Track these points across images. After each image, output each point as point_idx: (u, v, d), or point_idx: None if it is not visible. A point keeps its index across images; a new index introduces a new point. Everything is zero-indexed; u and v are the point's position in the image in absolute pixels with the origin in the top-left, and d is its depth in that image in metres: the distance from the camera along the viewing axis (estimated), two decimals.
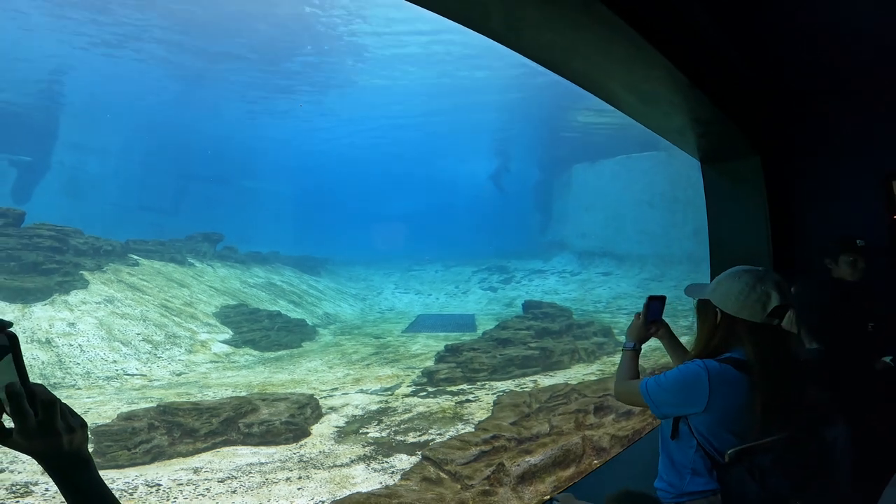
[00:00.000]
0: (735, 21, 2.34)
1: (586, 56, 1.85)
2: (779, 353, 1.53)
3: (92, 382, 8.24)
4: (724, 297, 1.61)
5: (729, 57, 2.60)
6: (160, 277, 13.68)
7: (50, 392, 0.77)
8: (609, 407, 5.61)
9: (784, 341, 1.55)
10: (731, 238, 3.27)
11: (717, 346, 1.62)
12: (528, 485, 4.22)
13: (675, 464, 1.64)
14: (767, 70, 2.81)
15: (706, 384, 1.52)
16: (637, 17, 1.53)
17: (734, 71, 2.72)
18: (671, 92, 2.17)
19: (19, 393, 0.73)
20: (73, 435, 0.78)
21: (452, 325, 14.30)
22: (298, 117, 26.77)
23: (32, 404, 0.74)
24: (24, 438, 0.74)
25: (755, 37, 2.50)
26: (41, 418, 0.75)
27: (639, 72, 1.97)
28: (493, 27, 1.65)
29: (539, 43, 1.76)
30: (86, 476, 0.80)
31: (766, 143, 2.99)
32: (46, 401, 0.76)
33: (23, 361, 0.74)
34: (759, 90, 2.95)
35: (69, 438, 0.77)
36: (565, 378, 7.90)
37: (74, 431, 0.79)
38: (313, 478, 4.84)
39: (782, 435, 1.51)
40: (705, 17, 2.23)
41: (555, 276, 22.07)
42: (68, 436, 0.77)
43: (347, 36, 18.78)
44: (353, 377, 8.87)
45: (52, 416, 0.76)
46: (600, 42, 1.68)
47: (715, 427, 1.54)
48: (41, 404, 0.75)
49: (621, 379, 1.85)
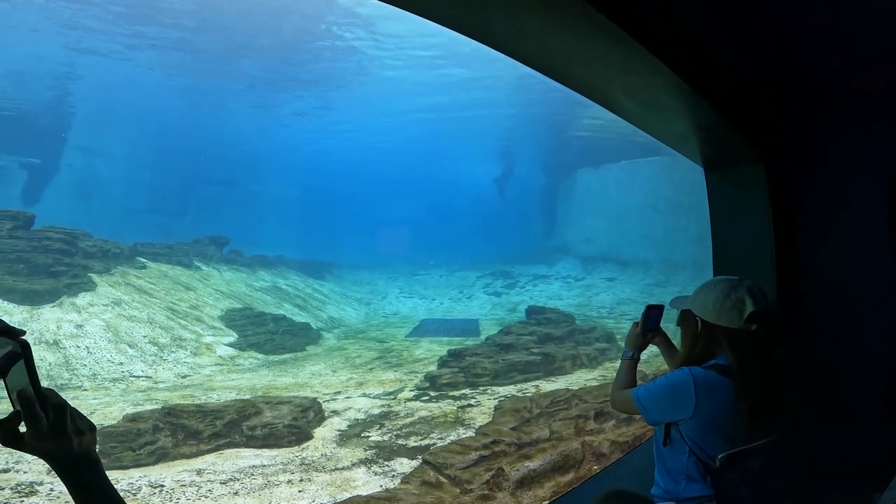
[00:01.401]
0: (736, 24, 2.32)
1: (587, 64, 1.87)
2: (758, 358, 1.58)
3: (98, 384, 8.34)
4: (702, 306, 1.68)
5: (731, 61, 2.60)
6: (167, 280, 13.81)
7: (60, 396, 0.81)
8: (609, 413, 5.62)
9: (762, 346, 1.59)
10: (735, 244, 3.26)
11: (700, 354, 1.67)
12: (528, 490, 4.24)
13: (670, 470, 1.67)
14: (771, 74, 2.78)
15: (692, 391, 1.56)
16: (636, 24, 1.55)
17: (736, 75, 2.72)
18: (673, 98, 2.17)
19: (31, 398, 0.76)
20: (83, 437, 0.82)
21: (456, 329, 14.31)
22: (304, 121, 26.96)
23: (44, 408, 0.78)
24: (37, 441, 0.77)
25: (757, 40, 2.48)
26: (52, 421, 0.78)
27: (639, 79, 1.97)
28: (494, 36, 1.67)
29: (540, 51, 1.78)
30: (94, 477, 0.83)
31: (770, 149, 2.96)
32: (57, 404, 0.80)
33: (35, 368, 0.78)
34: (763, 95, 2.94)
35: (79, 441, 0.81)
36: (567, 384, 7.91)
37: (83, 434, 0.82)
38: (314, 480, 4.89)
39: (770, 438, 1.55)
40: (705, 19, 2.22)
41: (559, 282, 22.05)
42: (78, 438, 0.81)
43: (354, 41, 18.94)
44: (356, 381, 8.92)
45: (62, 419, 0.79)
46: (600, 50, 1.69)
47: (704, 432, 1.58)
48: (52, 408, 0.79)
49: (618, 387, 1.90)
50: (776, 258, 3.02)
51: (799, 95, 2.95)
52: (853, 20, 2.21)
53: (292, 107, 24.75)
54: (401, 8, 1.43)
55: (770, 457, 1.55)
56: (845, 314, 2.68)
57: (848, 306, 2.68)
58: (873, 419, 2.47)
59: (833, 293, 2.74)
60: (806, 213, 3.03)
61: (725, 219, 3.34)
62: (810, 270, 2.92)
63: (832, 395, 2.61)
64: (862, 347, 2.61)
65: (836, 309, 2.72)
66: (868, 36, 2.29)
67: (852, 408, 2.58)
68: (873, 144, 2.72)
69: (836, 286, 2.75)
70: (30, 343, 0.79)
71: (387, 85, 22.34)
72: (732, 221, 3.31)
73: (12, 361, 0.76)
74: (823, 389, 2.61)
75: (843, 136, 2.83)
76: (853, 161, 2.80)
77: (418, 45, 18.85)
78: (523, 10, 1.47)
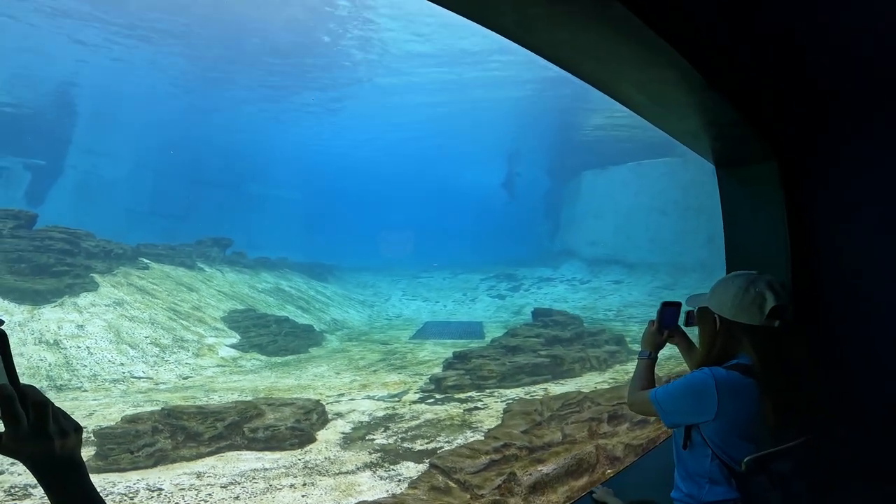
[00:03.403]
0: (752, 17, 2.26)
1: (599, 56, 1.82)
2: (782, 355, 1.51)
3: (98, 385, 8.20)
4: (720, 302, 1.62)
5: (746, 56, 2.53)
6: (169, 281, 13.70)
7: (41, 393, 0.72)
8: (623, 416, 5.44)
9: (786, 342, 1.53)
10: (748, 245, 3.19)
11: (720, 353, 1.61)
12: (540, 495, 4.07)
13: (692, 474, 1.62)
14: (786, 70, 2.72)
15: (714, 392, 1.50)
16: (651, 15, 1.49)
17: (751, 71, 2.65)
18: (686, 93, 2.12)
19: (11, 395, 0.68)
20: (66, 439, 0.73)
21: (460, 332, 14.15)
22: (308, 124, 26.93)
23: (24, 406, 0.70)
24: (15, 443, 0.69)
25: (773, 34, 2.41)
26: (32, 421, 0.70)
27: (652, 71, 1.92)
28: (506, 24, 1.61)
29: (552, 41, 1.72)
30: (77, 482, 0.75)
31: (784, 146, 2.90)
32: (38, 402, 0.71)
33: (13, 361, 0.70)
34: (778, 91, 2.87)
35: (62, 443, 0.72)
36: (576, 386, 7.72)
37: (68, 435, 0.74)
38: (318, 485, 4.72)
39: (800, 440, 1.49)
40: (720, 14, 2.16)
41: (563, 285, 21.85)
42: (61, 440, 0.72)
43: (358, 44, 18.89)
44: (359, 383, 8.76)
45: (44, 418, 0.71)
46: (614, 40, 1.65)
47: (727, 435, 1.52)
48: (32, 406, 0.70)
49: (634, 389, 1.84)
50: (791, 257, 2.94)
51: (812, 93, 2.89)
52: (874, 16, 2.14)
53: (297, 109, 24.73)
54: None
55: (799, 459, 1.48)
56: (865, 313, 2.61)
57: (867, 306, 2.60)
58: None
59: (850, 293, 2.68)
60: (820, 212, 2.97)
61: (738, 218, 3.27)
62: (826, 270, 2.85)
63: (858, 396, 2.50)
64: (883, 347, 2.53)
65: (854, 308, 2.65)
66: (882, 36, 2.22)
67: (879, 409, 2.48)
68: (887, 143, 2.65)
69: (852, 286, 2.68)
70: (6, 333, 0.68)
71: (391, 86, 22.30)
72: (745, 220, 3.25)
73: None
74: (848, 390, 2.51)
75: (856, 135, 2.80)
76: (866, 160, 2.76)
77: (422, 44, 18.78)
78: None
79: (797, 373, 1.51)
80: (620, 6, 1.37)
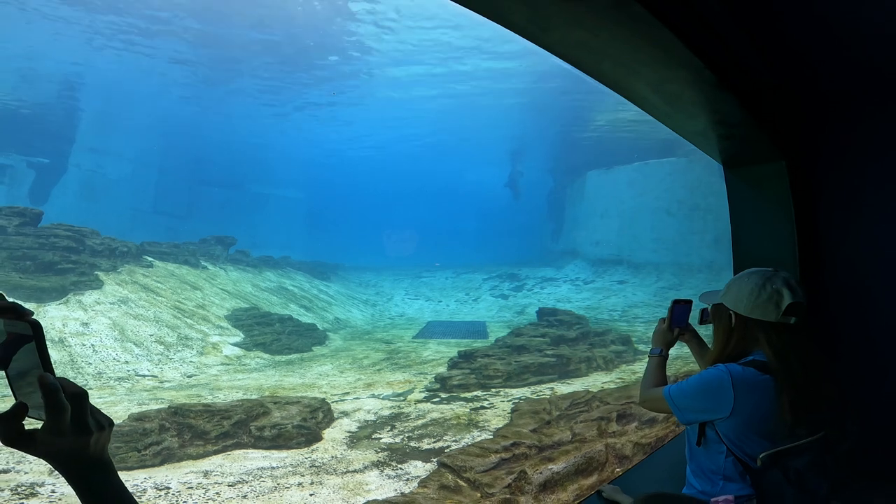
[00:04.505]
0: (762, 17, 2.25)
1: (615, 55, 1.81)
2: (798, 352, 1.51)
3: (103, 383, 8.18)
4: (735, 298, 1.62)
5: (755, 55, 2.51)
6: (173, 279, 13.69)
7: (76, 385, 0.68)
8: (632, 415, 5.40)
9: (803, 339, 1.53)
10: (756, 244, 3.18)
11: (735, 350, 1.61)
12: (551, 493, 4.03)
13: (705, 470, 1.61)
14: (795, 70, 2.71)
15: (730, 388, 1.50)
16: (667, 14, 1.49)
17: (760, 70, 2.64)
18: (698, 92, 2.13)
19: (55, 385, 0.64)
20: (102, 433, 0.71)
21: (463, 331, 14.12)
22: (311, 124, 26.92)
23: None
24: (53, 436, 0.65)
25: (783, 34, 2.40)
26: (73, 413, 0.67)
27: (666, 71, 1.91)
28: (519, 22, 1.58)
29: (566, 41, 1.71)
30: (110, 480, 0.73)
31: (793, 147, 2.88)
32: (76, 394, 0.67)
33: (48, 352, 0.67)
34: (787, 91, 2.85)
35: (97, 437, 0.70)
36: (583, 386, 7.67)
37: (104, 429, 0.71)
38: (326, 483, 4.69)
39: (817, 436, 1.48)
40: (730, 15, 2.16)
41: (567, 285, 21.78)
42: (97, 433, 0.69)
43: (363, 44, 18.86)
44: (364, 382, 8.72)
45: (83, 411, 0.68)
46: (629, 40, 1.64)
47: (743, 431, 1.52)
48: (71, 398, 0.67)
49: (647, 386, 1.84)
50: (798, 259, 2.92)
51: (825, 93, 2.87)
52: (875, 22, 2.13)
53: (301, 109, 24.71)
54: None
55: (815, 455, 1.48)
56: (873, 313, 2.60)
57: (875, 305, 2.60)
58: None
59: (858, 292, 2.68)
60: (828, 212, 2.95)
61: (745, 217, 3.26)
62: (834, 270, 2.83)
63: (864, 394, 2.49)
64: (890, 346, 2.52)
65: (862, 308, 2.64)
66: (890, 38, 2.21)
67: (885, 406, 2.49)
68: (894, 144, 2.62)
69: (860, 286, 2.68)
70: (41, 323, 0.65)
71: (395, 86, 22.27)
72: (753, 220, 3.23)
73: (15, 347, 0.63)
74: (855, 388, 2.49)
75: (864, 136, 2.80)
76: (874, 160, 2.74)
77: (427, 42, 18.73)
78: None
79: (814, 369, 1.51)
80: (638, 6, 1.36)
